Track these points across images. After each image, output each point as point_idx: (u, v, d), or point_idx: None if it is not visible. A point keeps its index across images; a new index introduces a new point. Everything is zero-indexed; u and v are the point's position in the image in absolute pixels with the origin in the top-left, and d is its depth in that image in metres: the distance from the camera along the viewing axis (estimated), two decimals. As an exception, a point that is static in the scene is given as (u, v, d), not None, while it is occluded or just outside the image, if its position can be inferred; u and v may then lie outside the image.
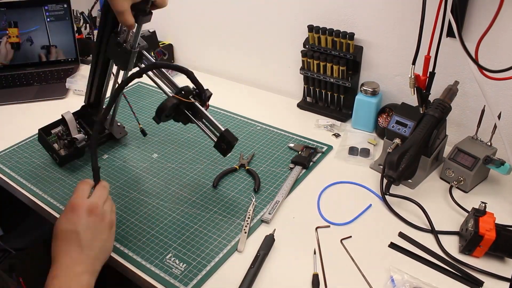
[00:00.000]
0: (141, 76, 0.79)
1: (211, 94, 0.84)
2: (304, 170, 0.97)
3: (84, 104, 1.04)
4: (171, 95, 0.79)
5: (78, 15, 1.58)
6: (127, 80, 0.76)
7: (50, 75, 1.46)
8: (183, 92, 0.79)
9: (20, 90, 1.38)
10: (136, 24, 0.76)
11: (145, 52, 0.86)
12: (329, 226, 0.82)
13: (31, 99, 1.32)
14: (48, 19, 1.47)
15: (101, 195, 0.72)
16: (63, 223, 0.68)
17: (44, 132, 1.00)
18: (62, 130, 1.02)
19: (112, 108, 1.04)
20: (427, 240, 0.79)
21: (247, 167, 0.98)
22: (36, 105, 1.31)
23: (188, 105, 0.80)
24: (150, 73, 0.85)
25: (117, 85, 0.96)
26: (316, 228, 0.81)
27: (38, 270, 0.96)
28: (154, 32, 1.00)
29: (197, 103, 0.80)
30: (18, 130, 1.16)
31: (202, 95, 0.80)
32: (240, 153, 1.03)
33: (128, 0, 0.69)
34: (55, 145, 1.00)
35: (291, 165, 0.98)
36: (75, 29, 1.52)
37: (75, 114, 1.03)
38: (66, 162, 1.01)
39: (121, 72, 0.90)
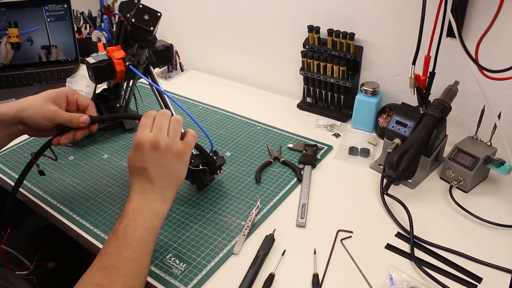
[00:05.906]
0: None
1: (223, 162, 0.91)
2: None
3: (105, 87, 1.10)
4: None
5: (78, 15, 1.59)
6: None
7: (50, 75, 1.46)
8: (192, 161, 0.83)
9: (20, 90, 1.38)
10: (141, 50, 0.87)
11: (151, 68, 0.93)
12: (352, 232, 0.81)
13: (31, 99, 1.32)
14: (48, 19, 1.47)
15: (162, 126, 0.72)
16: (132, 159, 0.72)
17: None
18: None
19: (127, 97, 1.10)
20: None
21: (281, 159, 1.00)
22: (36, 105, 1.30)
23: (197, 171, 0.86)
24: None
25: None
26: (341, 240, 0.80)
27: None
28: (168, 47, 0.99)
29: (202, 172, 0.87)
30: (18, 130, 1.15)
31: (212, 167, 0.87)
32: (267, 146, 1.05)
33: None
34: None
35: (300, 166, 0.98)
36: (75, 29, 1.52)
37: (96, 95, 1.08)
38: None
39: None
